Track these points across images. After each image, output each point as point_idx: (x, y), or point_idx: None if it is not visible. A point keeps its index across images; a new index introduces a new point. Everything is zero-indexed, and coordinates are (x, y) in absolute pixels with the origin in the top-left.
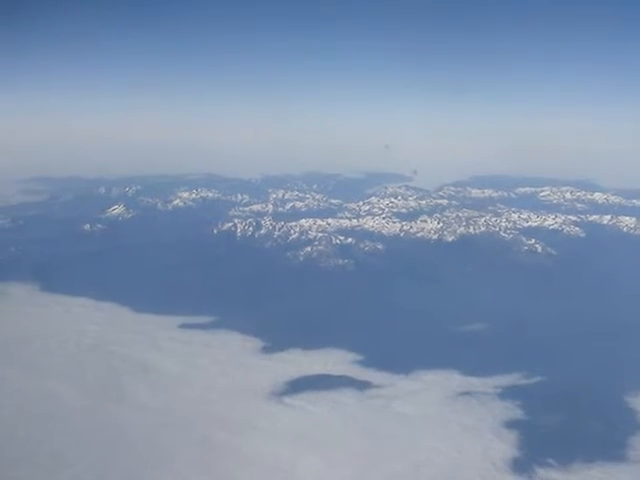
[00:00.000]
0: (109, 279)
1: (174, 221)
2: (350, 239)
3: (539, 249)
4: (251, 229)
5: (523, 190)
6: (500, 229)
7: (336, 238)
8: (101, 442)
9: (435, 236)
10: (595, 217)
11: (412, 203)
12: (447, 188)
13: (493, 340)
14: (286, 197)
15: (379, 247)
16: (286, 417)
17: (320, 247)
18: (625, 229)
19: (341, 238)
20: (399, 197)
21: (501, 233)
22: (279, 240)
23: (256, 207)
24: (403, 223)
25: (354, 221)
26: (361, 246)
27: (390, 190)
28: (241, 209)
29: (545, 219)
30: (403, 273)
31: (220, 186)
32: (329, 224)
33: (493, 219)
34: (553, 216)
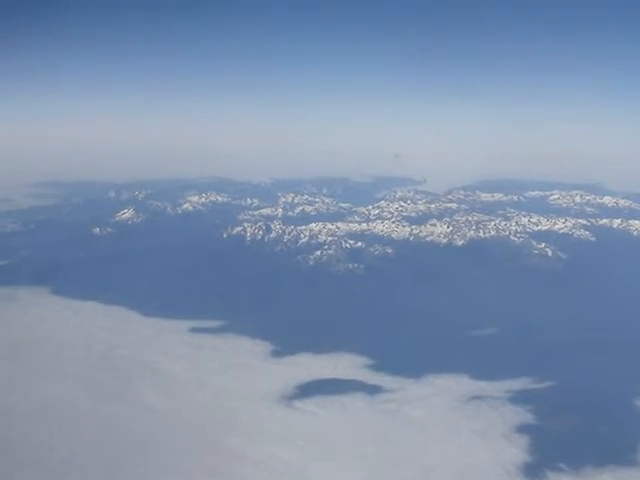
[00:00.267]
0: (118, 283)
1: (184, 225)
2: (360, 243)
3: (549, 253)
4: (261, 233)
5: (533, 194)
6: (510, 233)
7: (346, 242)
8: (111, 446)
9: (445, 240)
10: (605, 221)
11: (421, 207)
12: (456, 192)
13: (503, 344)
14: (296, 201)
15: (389, 251)
16: (296, 421)
17: (330, 251)
18: (635, 233)
19: (351, 242)
20: (408, 201)
21: (511, 237)
22: (289, 244)
23: (266, 211)
24: (413, 227)
25: (364, 225)
26: (371, 250)
27: (399, 194)
28: (251, 213)
29: (555, 223)
30: (413, 277)
31: (229, 190)
32: (339, 228)
33: (503, 223)
34: (563, 220)
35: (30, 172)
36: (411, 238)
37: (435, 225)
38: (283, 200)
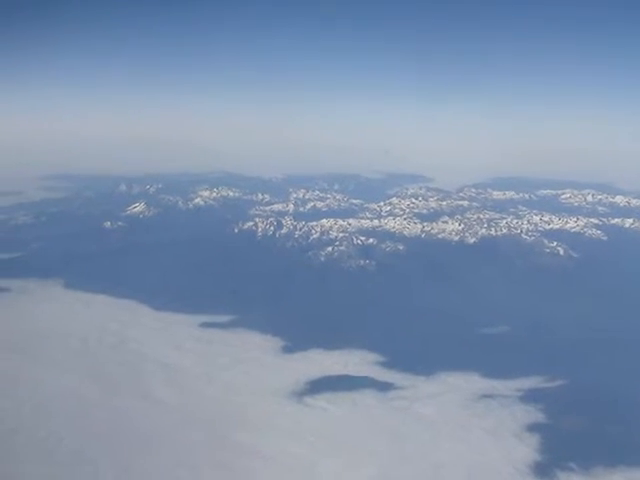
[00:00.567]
0: (129, 277)
1: (195, 219)
2: (371, 239)
3: (561, 252)
4: (272, 228)
5: (544, 192)
6: (522, 231)
7: (357, 238)
8: (121, 439)
9: (456, 237)
10: (617, 220)
11: (433, 204)
12: (467, 189)
13: (514, 343)
14: (307, 197)
15: (400, 248)
16: (307, 417)
17: (341, 247)
18: None
19: (362, 238)
20: (420, 198)
21: (523, 235)
22: (300, 240)
23: (277, 207)
24: (424, 224)
25: (375, 222)
26: (382, 247)
27: (411, 191)
28: (262, 208)
29: (567, 222)
30: (424, 274)
31: (240, 185)
32: (350, 224)
33: (514, 221)
34: (575, 219)
35: (41, 165)
36: (423, 235)
37: (447, 222)
38: (294, 196)
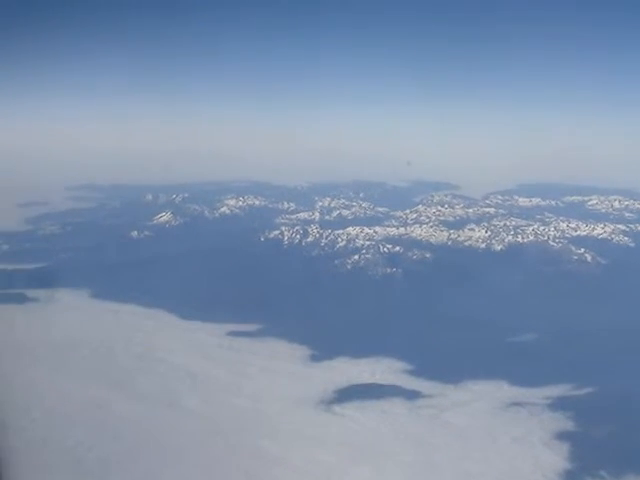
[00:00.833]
0: (157, 286)
1: (221, 228)
2: (398, 247)
3: (589, 258)
4: (298, 237)
5: (571, 199)
6: (549, 238)
7: (383, 246)
8: (150, 449)
9: (483, 245)
10: None
11: (459, 211)
12: (493, 196)
13: (542, 350)
14: (332, 205)
15: (427, 255)
16: (335, 426)
17: (368, 255)
18: None
19: (389, 246)
20: (446, 205)
21: (550, 242)
22: (326, 248)
23: (303, 215)
24: (451, 232)
25: (401, 229)
26: (409, 255)
27: (437, 198)
28: (288, 217)
29: (594, 228)
30: (451, 282)
31: (266, 194)
32: (376, 232)
33: (541, 228)
34: (602, 225)
35: (67, 175)
36: (449, 243)
37: (473, 230)
38: (320, 204)
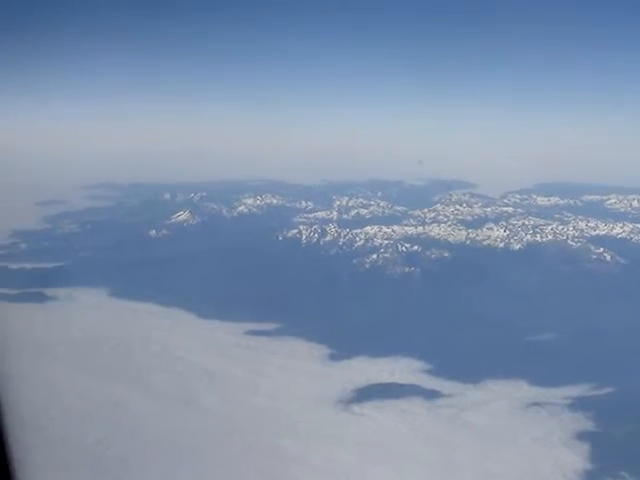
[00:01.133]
0: (175, 285)
1: (239, 227)
2: (416, 247)
3: (608, 258)
4: (316, 236)
5: (589, 198)
6: (568, 237)
7: (402, 245)
8: (168, 447)
9: (501, 244)
10: None
11: (477, 210)
12: (512, 195)
13: (562, 350)
14: (350, 204)
15: (445, 255)
16: (355, 425)
17: (386, 255)
18: None
19: (407, 246)
20: (464, 204)
21: (569, 241)
22: (344, 247)
23: (321, 214)
24: (469, 231)
25: (419, 228)
26: (427, 254)
27: (455, 197)
28: (305, 216)
29: (613, 227)
30: (470, 281)
31: (283, 192)
32: (394, 231)
33: (560, 227)
34: (621, 224)
35: (85, 173)
36: (467, 242)
37: (492, 229)
38: (338, 203)
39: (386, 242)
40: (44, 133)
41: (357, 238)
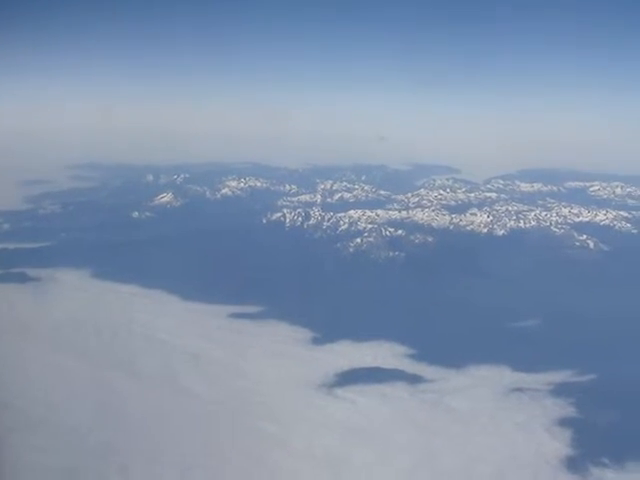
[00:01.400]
0: (158, 267)
1: (223, 210)
2: (400, 231)
3: (591, 245)
4: (300, 219)
5: (572, 184)
6: (551, 224)
7: (386, 230)
8: (151, 430)
9: (485, 230)
10: None
11: (461, 196)
12: (495, 181)
13: (545, 336)
14: (334, 188)
15: (429, 240)
16: (337, 409)
17: (370, 239)
18: None
19: (391, 230)
20: (448, 189)
21: (552, 228)
22: (328, 231)
23: (304, 197)
24: (453, 216)
25: (403, 213)
26: (411, 238)
27: (438, 182)
28: (289, 199)
29: (596, 214)
30: (454, 266)
31: (267, 176)
32: (378, 215)
33: (543, 213)
34: (604, 212)
35: (68, 154)
36: (451, 227)
37: (475, 214)
38: (322, 187)
39: (370, 226)
40: (25, 113)
41: (341, 222)
